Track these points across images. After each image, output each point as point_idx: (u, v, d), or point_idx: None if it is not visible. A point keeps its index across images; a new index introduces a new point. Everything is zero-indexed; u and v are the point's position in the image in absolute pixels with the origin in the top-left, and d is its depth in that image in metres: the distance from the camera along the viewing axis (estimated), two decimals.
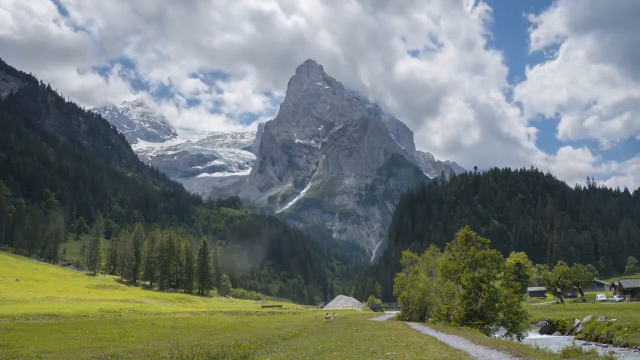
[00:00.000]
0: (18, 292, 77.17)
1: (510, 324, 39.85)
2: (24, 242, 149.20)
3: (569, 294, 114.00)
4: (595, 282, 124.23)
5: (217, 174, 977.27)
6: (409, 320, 55.00)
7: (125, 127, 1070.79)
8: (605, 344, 39.90)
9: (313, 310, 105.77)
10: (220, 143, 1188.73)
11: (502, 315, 40.05)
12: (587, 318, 51.45)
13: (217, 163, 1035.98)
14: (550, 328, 58.16)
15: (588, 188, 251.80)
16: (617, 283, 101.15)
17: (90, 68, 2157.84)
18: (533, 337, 46.53)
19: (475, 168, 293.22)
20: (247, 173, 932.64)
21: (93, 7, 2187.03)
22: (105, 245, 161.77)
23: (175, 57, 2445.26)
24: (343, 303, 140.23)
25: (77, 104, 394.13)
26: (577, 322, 52.65)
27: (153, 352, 21.25)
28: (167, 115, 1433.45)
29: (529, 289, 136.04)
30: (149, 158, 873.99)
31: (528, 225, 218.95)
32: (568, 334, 52.13)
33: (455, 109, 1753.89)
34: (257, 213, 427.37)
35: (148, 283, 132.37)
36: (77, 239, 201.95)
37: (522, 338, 39.49)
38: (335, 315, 69.20)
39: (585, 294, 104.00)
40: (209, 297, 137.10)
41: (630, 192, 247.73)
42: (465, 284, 40.95)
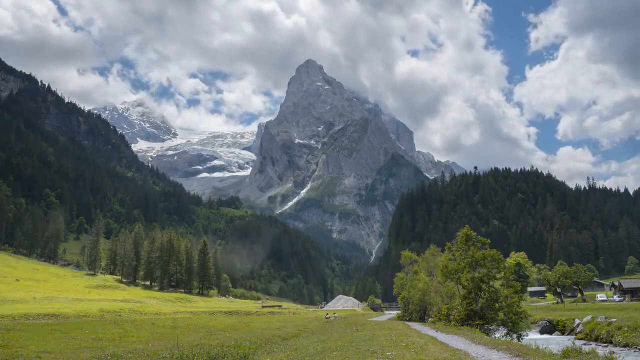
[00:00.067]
0: (18, 292, 77.17)
1: (510, 324, 39.82)
2: (24, 242, 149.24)
3: (569, 294, 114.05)
4: (595, 282, 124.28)
5: (217, 174, 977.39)
6: (409, 320, 54.99)
7: (125, 127, 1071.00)
8: (605, 344, 39.90)
9: (313, 310, 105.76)
10: (220, 143, 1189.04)
11: (502, 315, 40.03)
12: (587, 318, 51.45)
13: (217, 163, 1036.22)
14: (550, 328, 58.16)
15: (588, 188, 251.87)
16: (617, 283, 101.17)
17: (90, 68, 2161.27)
18: (533, 337, 46.51)
19: (475, 168, 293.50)
20: (247, 173, 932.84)
21: (93, 7, 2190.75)
22: (105, 245, 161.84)
23: (175, 57, 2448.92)
24: (343, 303, 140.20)
25: (77, 104, 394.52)
26: (577, 322, 52.65)
27: (153, 352, 21.25)
28: (167, 115, 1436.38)
29: (529, 289, 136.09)
30: (149, 158, 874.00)
31: (528, 225, 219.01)
32: (568, 334, 52.13)
33: (455, 109, 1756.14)
34: (257, 213, 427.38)
35: (148, 283, 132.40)
36: (77, 239, 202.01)
37: (522, 338, 39.45)
38: (335, 315, 69.22)
39: (585, 294, 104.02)
40: (209, 297, 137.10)
41: (630, 192, 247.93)
42: (465, 284, 40.94)
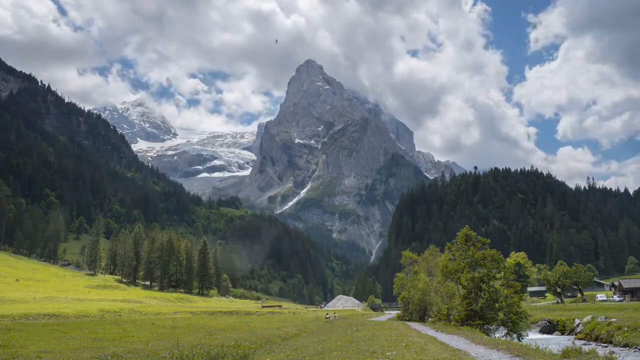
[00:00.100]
0: (18, 292, 77.15)
1: (510, 324, 39.81)
2: (24, 242, 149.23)
3: (569, 294, 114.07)
4: (595, 282, 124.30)
5: (217, 174, 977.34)
6: (409, 320, 54.98)
7: (125, 127, 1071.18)
8: (605, 344, 39.90)
9: (313, 310, 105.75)
10: (220, 143, 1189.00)
11: (502, 315, 40.01)
12: (587, 318, 51.44)
13: (217, 163, 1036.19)
14: (550, 328, 58.16)
15: (588, 188, 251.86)
16: (617, 283, 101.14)
17: (90, 68, 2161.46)
18: (533, 337, 46.51)
19: (475, 168, 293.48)
20: (247, 173, 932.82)
21: (93, 7, 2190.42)
22: (105, 245, 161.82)
23: (175, 57, 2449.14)
24: (343, 303, 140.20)
25: (77, 104, 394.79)
26: (577, 322, 52.64)
27: (153, 352, 21.26)
28: (167, 115, 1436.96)
29: (529, 289, 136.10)
30: (149, 158, 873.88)
31: (528, 225, 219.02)
32: (568, 334, 52.12)
33: (455, 109, 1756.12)
34: (257, 213, 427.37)
35: (148, 283, 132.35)
36: (77, 239, 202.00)
37: (522, 338, 39.45)
38: (335, 315, 69.23)
39: (585, 294, 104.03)
40: (209, 297, 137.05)
41: (630, 192, 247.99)
42: (465, 284, 40.92)
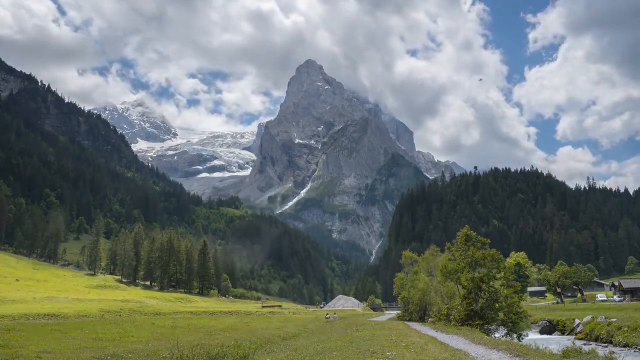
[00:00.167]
0: (18, 292, 77.15)
1: (510, 324, 39.81)
2: (24, 242, 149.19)
3: (569, 294, 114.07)
4: (595, 282, 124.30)
5: (217, 174, 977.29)
6: (409, 320, 54.97)
7: (125, 127, 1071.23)
8: (605, 344, 39.90)
9: (313, 310, 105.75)
10: (220, 143, 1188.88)
11: (502, 315, 40.01)
12: (587, 318, 51.44)
13: (217, 163, 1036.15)
14: (550, 328, 58.15)
15: (588, 188, 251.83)
16: (617, 283, 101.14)
17: (90, 68, 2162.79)
18: (533, 337, 46.52)
19: (475, 168, 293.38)
20: (247, 173, 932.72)
21: (92, 7, 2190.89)
22: (105, 245, 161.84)
23: (175, 57, 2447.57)
24: (343, 303, 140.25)
25: (77, 104, 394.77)
26: (577, 322, 52.64)
27: (153, 352, 21.26)
28: (167, 115, 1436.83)
29: (529, 289, 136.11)
30: (149, 158, 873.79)
31: (528, 225, 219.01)
32: (568, 334, 52.12)
33: (455, 109, 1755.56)
34: (257, 213, 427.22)
35: (148, 283, 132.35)
36: (77, 239, 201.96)
37: (522, 338, 39.45)
38: (335, 315, 69.24)
39: (585, 294, 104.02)
40: (209, 297, 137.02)
41: (630, 192, 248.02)
42: (465, 284, 40.91)
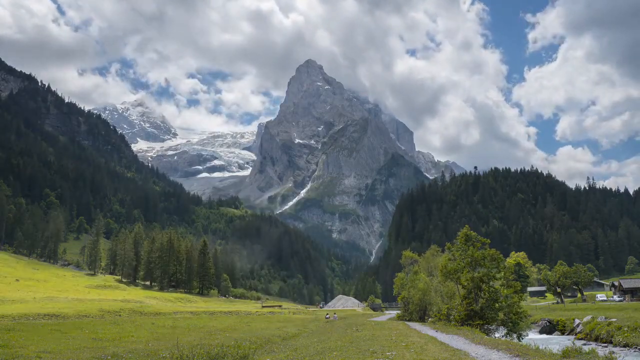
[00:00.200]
0: (18, 292, 77.11)
1: (510, 324, 39.79)
2: (24, 242, 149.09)
3: (569, 294, 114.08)
4: (595, 282, 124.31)
5: (217, 174, 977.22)
6: (409, 320, 54.95)
7: (125, 127, 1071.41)
8: (605, 344, 39.91)
9: (313, 310, 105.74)
10: (220, 143, 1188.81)
11: (502, 315, 39.99)
12: (587, 318, 51.44)
13: (217, 163, 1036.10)
14: (550, 328, 58.16)
15: (588, 188, 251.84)
16: (617, 283, 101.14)
17: (90, 68, 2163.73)
18: (533, 337, 46.53)
19: (475, 168, 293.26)
20: (247, 173, 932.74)
21: (92, 7, 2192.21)
22: (105, 245, 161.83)
23: (175, 57, 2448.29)
24: (343, 303, 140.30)
25: (77, 104, 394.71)
26: (577, 322, 52.64)
27: (153, 352, 21.27)
28: (167, 115, 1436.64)
29: (529, 289, 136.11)
30: (149, 158, 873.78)
31: (528, 225, 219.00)
32: (568, 334, 52.13)
33: (455, 109, 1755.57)
34: (257, 213, 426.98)
35: (148, 283, 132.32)
36: (77, 239, 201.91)
37: (522, 338, 39.43)
38: (335, 315, 69.25)
39: (585, 294, 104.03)
40: (209, 297, 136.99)
41: (630, 192, 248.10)
42: (465, 284, 40.90)
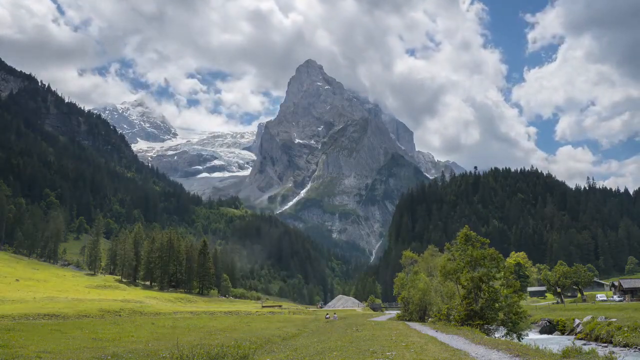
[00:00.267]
0: (18, 292, 77.11)
1: (510, 324, 39.80)
2: (24, 242, 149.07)
3: (569, 294, 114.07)
4: (595, 282, 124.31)
5: (217, 174, 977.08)
6: (409, 320, 54.95)
7: (125, 127, 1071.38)
8: (605, 344, 39.91)
9: (313, 310, 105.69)
10: (220, 143, 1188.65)
11: (502, 315, 40.00)
12: (587, 318, 51.44)
13: (217, 163, 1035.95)
14: (550, 328, 58.16)
15: (588, 188, 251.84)
16: (617, 283, 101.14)
17: (90, 68, 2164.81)
18: (533, 337, 46.53)
19: (475, 168, 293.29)
20: (247, 173, 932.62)
21: (92, 7, 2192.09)
22: (105, 245, 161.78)
23: (174, 57, 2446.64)
24: (343, 303, 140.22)
25: (77, 104, 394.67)
26: (577, 322, 52.64)
27: (153, 352, 21.27)
28: (167, 115, 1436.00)
29: (529, 289, 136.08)
30: (149, 158, 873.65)
31: (528, 225, 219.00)
32: (568, 334, 52.13)
33: (454, 109, 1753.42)
34: (257, 213, 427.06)
35: (148, 283, 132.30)
36: (77, 239, 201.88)
37: (522, 338, 39.44)
38: (335, 315, 69.24)
39: (585, 294, 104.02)
40: (209, 297, 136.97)
41: (630, 192, 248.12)
42: (465, 284, 40.89)
